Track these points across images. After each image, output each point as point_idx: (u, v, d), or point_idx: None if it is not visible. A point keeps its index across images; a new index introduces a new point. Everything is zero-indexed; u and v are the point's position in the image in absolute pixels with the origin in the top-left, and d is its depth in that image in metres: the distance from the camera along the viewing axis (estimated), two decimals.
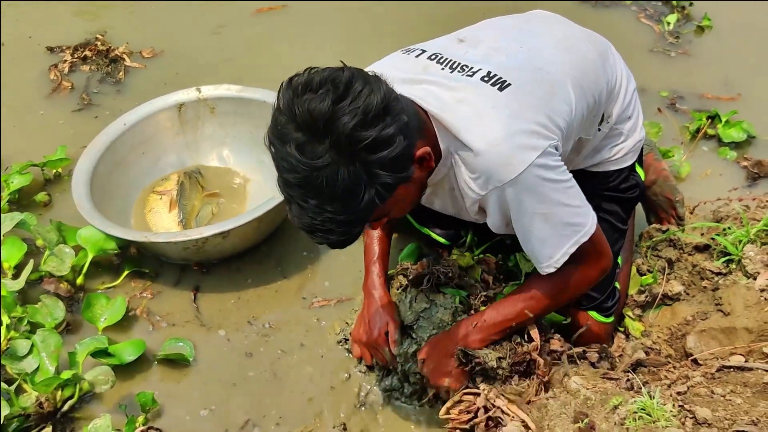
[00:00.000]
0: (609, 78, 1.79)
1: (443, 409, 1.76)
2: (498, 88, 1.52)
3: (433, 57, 1.63)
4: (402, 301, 1.90)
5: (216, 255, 2.30)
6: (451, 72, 1.57)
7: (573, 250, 1.57)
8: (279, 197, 2.13)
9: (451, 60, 1.60)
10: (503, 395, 1.69)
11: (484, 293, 1.92)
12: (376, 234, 1.99)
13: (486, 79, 1.54)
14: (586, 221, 1.57)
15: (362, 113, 1.27)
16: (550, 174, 1.50)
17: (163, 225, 2.47)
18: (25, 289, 2.17)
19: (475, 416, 1.70)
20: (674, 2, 3.56)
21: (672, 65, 3.20)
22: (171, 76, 3.20)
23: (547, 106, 1.55)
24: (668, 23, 3.42)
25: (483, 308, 1.85)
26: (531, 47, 1.67)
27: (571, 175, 1.57)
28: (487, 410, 1.70)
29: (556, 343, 1.81)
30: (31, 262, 2.17)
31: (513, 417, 1.64)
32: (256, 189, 2.58)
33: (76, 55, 3.31)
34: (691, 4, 3.54)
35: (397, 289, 1.98)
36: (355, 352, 1.99)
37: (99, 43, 3.35)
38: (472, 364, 1.72)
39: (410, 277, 1.93)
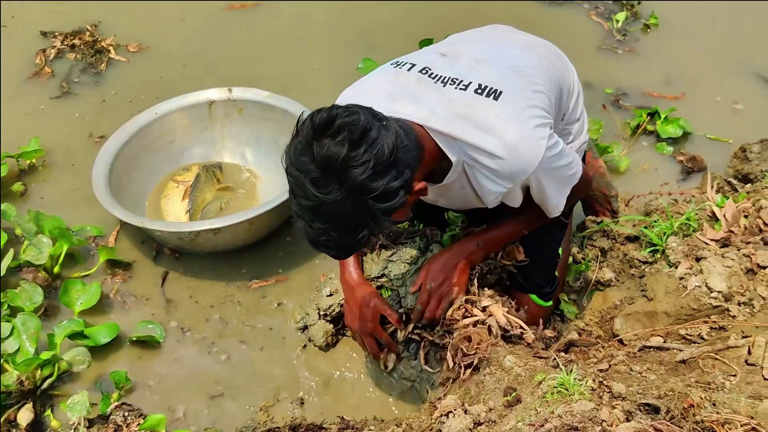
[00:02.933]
0: (566, 76, 1.99)
1: (450, 310, 1.95)
2: (493, 98, 1.69)
3: (423, 71, 1.77)
4: (364, 262, 2.10)
5: (209, 248, 2.46)
6: (444, 86, 1.73)
7: (569, 192, 1.84)
8: (273, 203, 2.35)
9: (440, 75, 1.75)
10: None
11: (438, 231, 2.15)
12: None
13: (479, 91, 1.71)
14: (577, 167, 1.83)
15: (373, 166, 1.42)
16: (554, 151, 1.72)
17: (173, 212, 2.62)
18: (5, 277, 2.29)
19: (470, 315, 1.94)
20: (624, 0, 3.70)
21: (618, 62, 3.34)
22: (154, 74, 3.26)
23: (535, 99, 1.75)
24: (617, 21, 3.56)
25: (477, 229, 2.03)
26: (505, 54, 1.85)
27: (558, 137, 1.77)
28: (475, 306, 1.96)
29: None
30: (11, 251, 2.29)
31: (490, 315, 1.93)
32: (270, 189, 2.70)
33: (65, 42, 3.36)
34: (639, 2, 3.67)
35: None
36: (359, 343, 2.10)
37: (88, 33, 3.41)
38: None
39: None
